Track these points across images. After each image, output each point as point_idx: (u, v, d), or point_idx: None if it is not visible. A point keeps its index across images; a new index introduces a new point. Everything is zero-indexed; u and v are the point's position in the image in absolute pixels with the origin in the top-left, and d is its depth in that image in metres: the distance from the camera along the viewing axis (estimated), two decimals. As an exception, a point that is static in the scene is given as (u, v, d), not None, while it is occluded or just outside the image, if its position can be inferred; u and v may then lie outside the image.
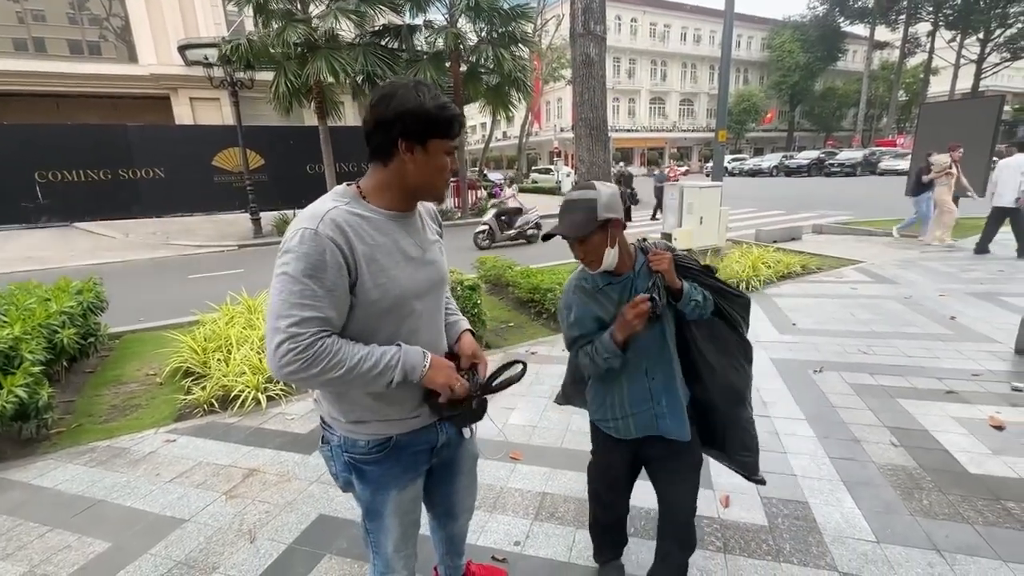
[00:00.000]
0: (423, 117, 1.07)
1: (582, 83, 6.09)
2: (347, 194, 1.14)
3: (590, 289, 1.51)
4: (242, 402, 3.40)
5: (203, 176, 16.02)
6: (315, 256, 1.00)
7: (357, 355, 1.04)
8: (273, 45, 10.96)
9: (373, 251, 1.09)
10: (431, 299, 1.25)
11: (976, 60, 37.99)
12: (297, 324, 0.99)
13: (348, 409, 1.20)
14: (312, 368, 0.99)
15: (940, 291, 5.45)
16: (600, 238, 1.40)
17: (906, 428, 2.79)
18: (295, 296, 1.00)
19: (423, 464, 1.32)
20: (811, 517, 2.13)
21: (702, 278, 1.56)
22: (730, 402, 1.60)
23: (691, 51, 47.23)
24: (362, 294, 1.08)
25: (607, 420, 1.62)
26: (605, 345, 1.44)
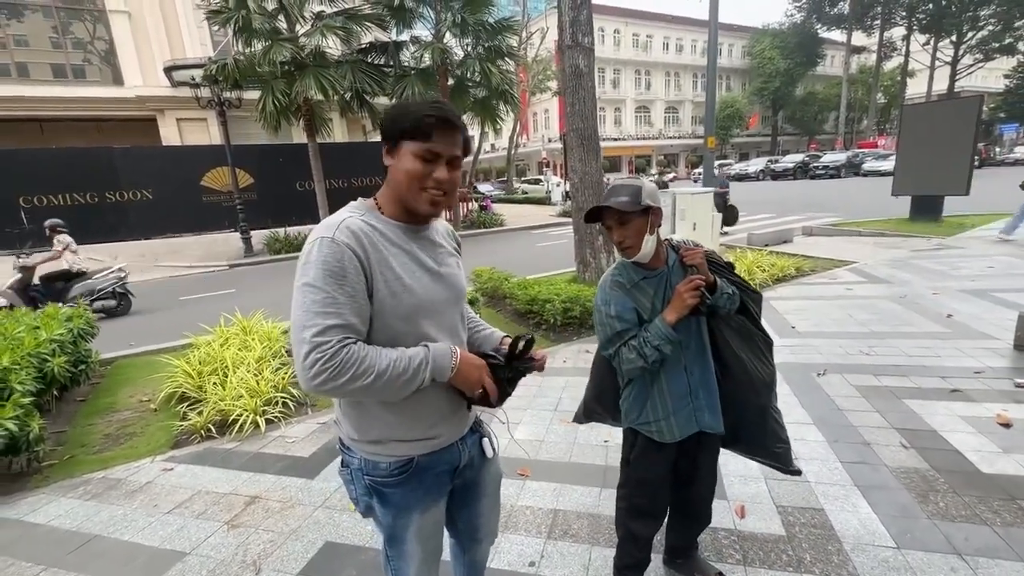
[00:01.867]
0: (396, 116, 1.08)
1: (572, 94, 6.14)
2: (363, 206, 1.15)
3: (626, 284, 1.54)
4: (240, 426, 3.32)
5: (192, 196, 15.90)
6: (334, 263, 1.00)
7: (386, 360, 1.02)
8: (260, 64, 10.95)
9: (388, 259, 1.08)
10: (449, 313, 1.23)
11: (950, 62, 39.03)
12: (321, 333, 0.97)
13: (367, 428, 1.17)
14: (341, 376, 0.97)
15: (933, 289, 5.50)
16: (641, 223, 1.44)
17: (915, 429, 2.78)
18: (317, 305, 0.98)
19: (445, 486, 1.29)
20: (828, 524, 2.10)
21: (727, 274, 1.61)
22: (761, 394, 1.63)
23: (674, 60, 48.03)
24: (378, 302, 1.07)
25: (649, 423, 1.62)
26: (656, 331, 1.45)
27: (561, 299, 5.01)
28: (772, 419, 1.68)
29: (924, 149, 9.86)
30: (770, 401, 1.66)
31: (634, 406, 1.64)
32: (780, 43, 46.16)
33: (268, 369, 3.98)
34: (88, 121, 18.49)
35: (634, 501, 1.73)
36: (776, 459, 1.71)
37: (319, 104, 13.03)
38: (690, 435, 1.60)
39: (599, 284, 1.60)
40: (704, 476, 1.72)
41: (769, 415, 1.67)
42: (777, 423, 1.69)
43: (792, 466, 1.71)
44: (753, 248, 8.30)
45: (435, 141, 1.07)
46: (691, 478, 1.71)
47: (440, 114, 1.07)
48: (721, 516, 2.19)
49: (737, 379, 1.59)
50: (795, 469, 1.72)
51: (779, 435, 1.69)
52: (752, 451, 1.76)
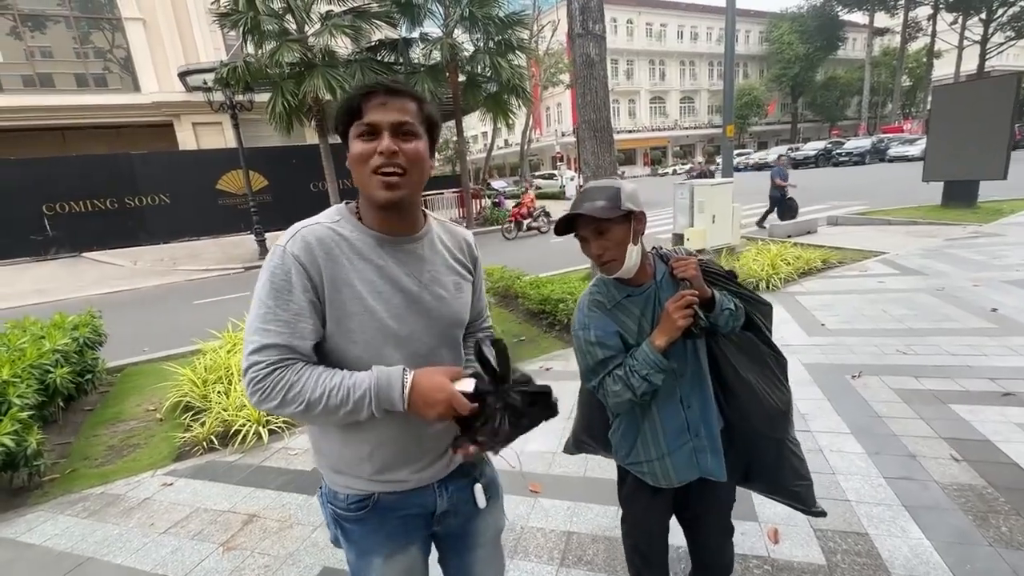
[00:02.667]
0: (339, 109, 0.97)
1: (583, 84, 5.91)
2: (340, 212, 1.01)
3: (607, 303, 1.30)
4: (243, 437, 3.21)
5: (208, 200, 16.10)
6: (280, 276, 0.91)
7: (320, 389, 0.89)
8: (269, 66, 10.93)
9: (348, 275, 0.94)
10: (427, 343, 1.03)
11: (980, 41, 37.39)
12: (257, 351, 0.89)
13: (323, 451, 1.05)
14: (271, 400, 0.88)
15: (973, 281, 5.15)
16: (623, 232, 1.20)
17: (965, 439, 2.52)
18: (259, 320, 0.91)
19: (417, 531, 1.10)
20: (875, 552, 1.88)
21: (728, 285, 1.37)
22: (775, 424, 1.38)
23: (689, 49, 47.06)
24: (332, 324, 0.94)
25: (640, 463, 1.39)
26: (644, 358, 1.21)
27: (575, 298, 4.81)
28: (790, 453, 1.44)
29: (957, 132, 9.36)
30: (787, 432, 1.42)
31: (623, 442, 1.42)
32: (799, 27, 44.86)
33: (273, 376, 3.87)
34: (107, 128, 18.84)
35: (633, 542, 1.54)
36: (796, 499, 1.47)
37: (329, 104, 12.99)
38: (691, 481, 1.37)
39: (577, 304, 1.36)
40: (712, 530, 1.49)
41: (786, 449, 1.43)
42: (796, 456, 1.45)
43: (815, 506, 1.47)
44: (775, 240, 7.96)
45: (369, 113, 0.92)
46: (696, 530, 1.50)
47: (367, 88, 0.93)
48: (752, 541, 1.99)
49: (745, 407, 1.35)
50: (819, 510, 1.47)
51: (799, 471, 1.45)
52: (768, 489, 1.53)
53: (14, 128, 17.32)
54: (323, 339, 0.95)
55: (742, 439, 1.42)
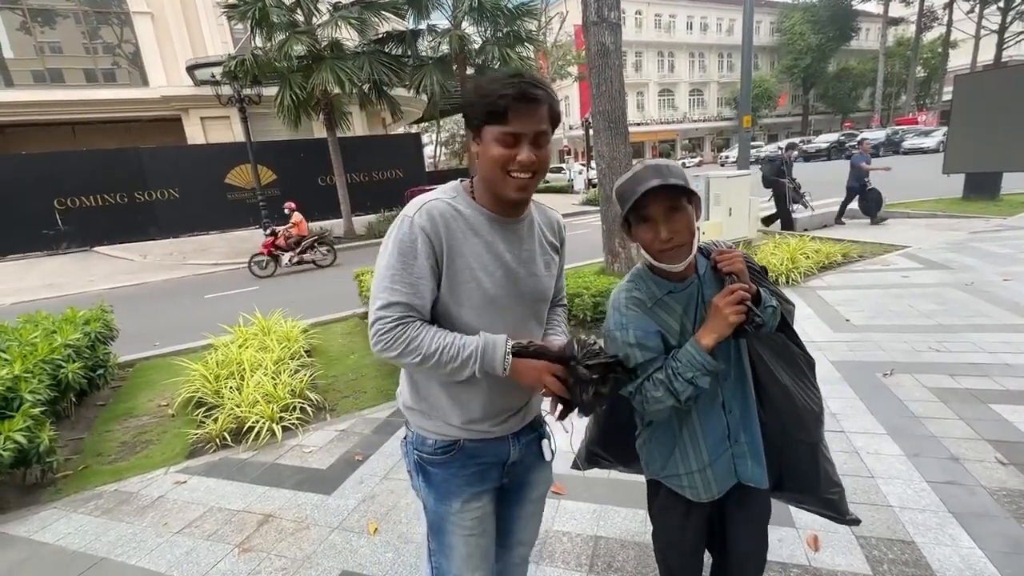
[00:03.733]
0: (473, 100, 1.03)
1: (598, 74, 5.77)
2: (456, 189, 1.12)
3: (647, 301, 1.19)
4: (256, 434, 3.15)
5: (217, 194, 16.09)
6: (407, 243, 1.02)
7: (435, 344, 1.03)
8: (277, 58, 10.85)
9: (463, 247, 1.06)
10: (520, 314, 1.16)
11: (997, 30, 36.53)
12: (385, 307, 1.02)
13: (420, 396, 1.18)
14: (393, 350, 1.02)
15: (1003, 275, 4.99)
16: (691, 215, 1.12)
17: (1011, 441, 2.40)
18: (386, 280, 1.03)
19: (492, 480, 1.22)
20: (924, 563, 1.77)
21: (763, 281, 1.26)
22: (809, 428, 1.28)
23: (698, 40, 46.36)
24: (444, 288, 1.07)
25: (679, 476, 1.28)
26: (689, 359, 1.10)
27: (591, 293, 4.70)
28: (823, 458, 1.34)
29: (980, 122, 9.11)
30: (820, 437, 1.33)
31: (657, 454, 1.31)
32: (811, 17, 44.04)
33: (286, 372, 3.81)
34: (117, 123, 18.84)
35: (666, 561, 1.44)
36: (829, 507, 1.37)
37: (337, 97, 12.91)
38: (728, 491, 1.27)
39: (610, 303, 1.24)
40: (746, 545, 1.36)
41: (820, 454, 1.33)
42: (829, 461, 1.35)
43: (849, 514, 1.37)
44: (793, 234, 7.79)
45: (513, 122, 0.99)
46: (728, 546, 1.38)
47: (515, 91, 0.97)
48: (792, 548, 1.89)
49: (782, 413, 1.25)
50: (853, 518, 1.38)
51: (832, 477, 1.35)
52: (800, 499, 1.43)
53: (25, 123, 17.38)
54: (438, 301, 1.07)
55: (776, 444, 1.31)
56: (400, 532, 2.22)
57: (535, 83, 1.00)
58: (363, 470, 2.76)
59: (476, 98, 1.01)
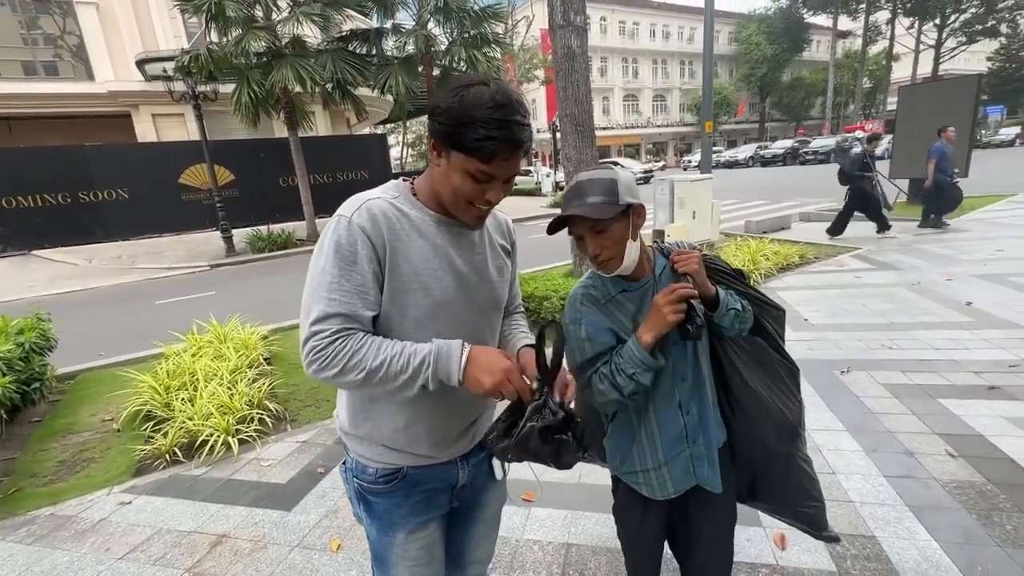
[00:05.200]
0: (450, 118, 0.90)
1: (565, 77, 5.79)
2: (397, 188, 1.04)
3: (600, 298, 1.21)
4: (210, 448, 2.98)
5: (170, 195, 15.35)
6: (345, 247, 0.92)
7: (381, 357, 0.92)
8: (234, 54, 10.43)
9: (408, 251, 0.97)
10: (474, 324, 1.08)
11: (934, 45, 39.04)
12: (320, 320, 0.91)
13: (358, 420, 1.08)
14: (331, 368, 0.90)
15: (946, 275, 5.28)
16: (621, 228, 1.10)
17: (959, 434, 2.52)
18: (322, 289, 0.92)
19: (440, 507, 1.14)
20: (884, 556, 1.82)
21: (735, 284, 1.26)
22: (783, 438, 1.28)
23: (661, 47, 47.58)
24: (388, 296, 0.97)
25: (635, 473, 1.29)
26: (629, 355, 1.11)
27: (560, 295, 4.71)
28: (800, 471, 1.33)
29: (922, 131, 9.64)
30: (797, 448, 1.31)
31: (617, 449, 1.32)
32: (767, 28, 45.91)
33: (243, 381, 3.63)
34: (59, 119, 17.74)
35: (631, 557, 1.43)
36: (806, 521, 1.37)
37: (299, 96, 12.52)
38: (687, 490, 1.27)
39: (568, 298, 1.27)
40: (708, 546, 1.35)
41: (795, 466, 1.33)
42: (807, 475, 1.34)
43: (827, 530, 1.37)
44: (752, 236, 8.04)
45: (493, 165, 0.91)
46: (690, 549, 1.37)
47: (505, 136, 0.89)
48: (759, 548, 1.91)
49: (752, 419, 1.25)
50: (831, 535, 1.38)
51: (810, 492, 1.34)
52: (774, 510, 1.43)
53: (-48, 117, 16.16)
54: (384, 309, 0.97)
55: (747, 453, 1.32)
56: (364, 548, 2.12)
57: (525, 125, 0.91)
58: (325, 483, 2.64)
59: (456, 123, 0.89)
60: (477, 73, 1.16)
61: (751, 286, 1.30)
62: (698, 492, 1.27)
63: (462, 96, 0.88)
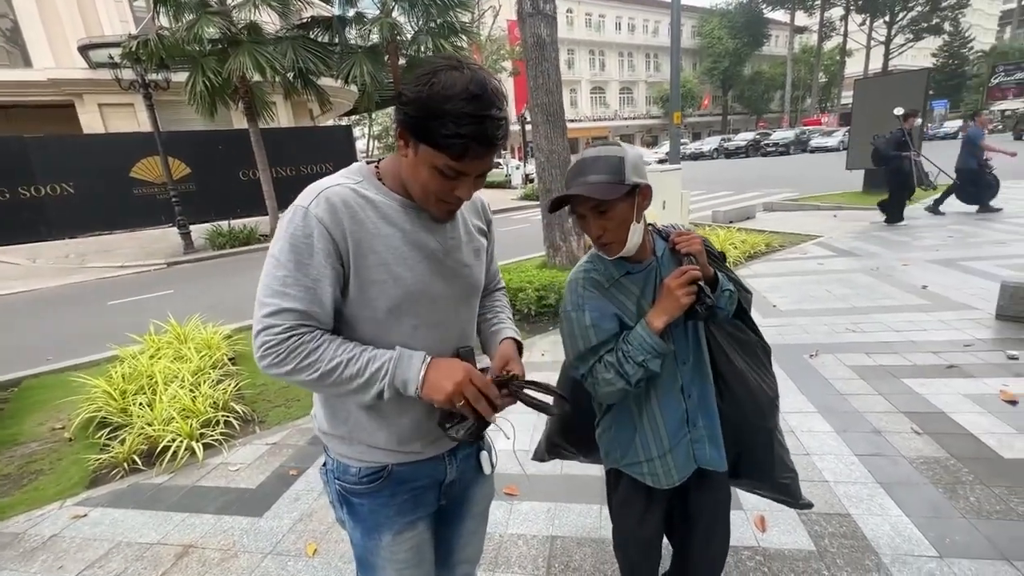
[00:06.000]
0: (418, 109, 0.82)
1: (535, 67, 5.73)
2: (361, 172, 0.97)
3: (604, 282, 1.17)
4: (172, 455, 2.82)
5: (121, 189, 14.50)
6: (301, 239, 0.86)
7: (336, 359, 0.87)
8: (187, 41, 9.91)
9: (373, 241, 0.90)
10: (451, 311, 1.02)
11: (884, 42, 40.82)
12: (273, 315, 0.86)
13: (338, 419, 1.02)
14: (284, 365, 0.86)
15: (902, 261, 5.51)
16: (626, 209, 1.07)
17: (922, 412, 2.62)
18: (277, 282, 0.86)
19: (427, 505, 1.09)
20: (860, 534, 1.87)
21: (722, 267, 1.27)
22: (765, 413, 1.31)
23: (627, 40, 47.98)
24: (355, 290, 0.91)
25: (639, 464, 1.26)
26: (639, 341, 1.08)
27: (534, 287, 4.68)
28: (777, 444, 1.37)
29: (875, 123, 10.04)
30: (775, 422, 1.35)
31: (617, 442, 1.29)
32: (728, 23, 46.93)
33: (207, 383, 3.46)
34: (-8, 108, 16.53)
35: (627, 555, 1.41)
36: (783, 491, 1.41)
37: (258, 85, 12.04)
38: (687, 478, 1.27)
39: (567, 282, 1.23)
40: (711, 532, 1.34)
41: (775, 439, 1.37)
42: (782, 447, 1.39)
43: (802, 498, 1.42)
44: (720, 225, 8.22)
45: (465, 162, 0.85)
46: (690, 534, 1.36)
47: (479, 133, 0.81)
48: (741, 530, 1.93)
49: (739, 399, 1.26)
50: (806, 502, 1.43)
51: (785, 462, 1.39)
52: (755, 485, 1.47)
53: None
54: (343, 305, 0.92)
55: (733, 430, 1.32)
56: (342, 552, 2.04)
57: (501, 120, 0.83)
58: (299, 486, 2.54)
59: (424, 114, 0.82)
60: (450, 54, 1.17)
61: (730, 269, 1.31)
62: (697, 475, 1.27)
63: (432, 84, 0.80)
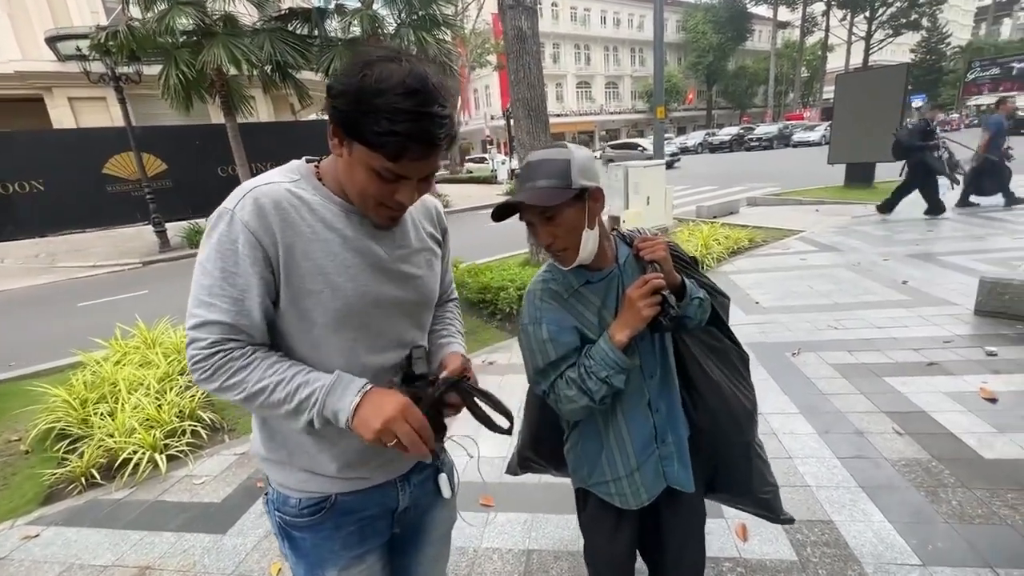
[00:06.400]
0: (349, 103, 0.74)
1: (516, 60, 5.62)
2: (299, 170, 0.88)
3: (563, 293, 1.09)
4: (134, 468, 2.69)
5: (93, 187, 14.04)
6: (226, 245, 0.78)
7: (264, 381, 0.79)
8: (159, 32, 9.59)
9: (308, 246, 0.82)
10: (399, 325, 0.94)
11: (865, 37, 41.32)
12: (200, 327, 0.79)
13: (275, 443, 0.92)
14: (212, 382, 0.80)
15: (883, 256, 5.53)
16: (576, 215, 1.00)
17: (904, 412, 2.59)
18: (203, 292, 0.79)
19: (378, 536, 0.99)
20: (842, 541, 1.82)
21: (692, 273, 1.20)
22: (742, 426, 1.23)
23: (612, 34, 47.89)
24: (288, 301, 0.82)
25: (607, 483, 1.19)
26: (601, 356, 1.01)
27: (516, 286, 4.59)
28: (756, 456, 1.31)
29: (857, 118, 10.11)
30: (754, 435, 1.29)
31: (583, 460, 1.22)
32: (712, 17, 47.14)
33: (173, 390, 3.31)
34: (-45, 102, 15.89)
35: (598, 573, 1.35)
36: (763, 506, 1.36)
37: (236, 79, 11.74)
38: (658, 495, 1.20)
39: (525, 294, 1.15)
40: (683, 553, 1.28)
41: (754, 452, 1.31)
42: (762, 460, 1.33)
43: (783, 513, 1.37)
44: (704, 221, 8.20)
45: (402, 164, 0.76)
46: (663, 554, 1.29)
47: (416, 132, 0.73)
48: (722, 540, 1.88)
49: (714, 411, 1.19)
50: (787, 517, 1.38)
51: (765, 476, 1.33)
52: (734, 500, 1.42)
53: None
54: (275, 317, 0.84)
55: (709, 444, 1.26)
56: (309, 570, 1.95)
57: (443, 118, 0.74)
58: (266, 499, 2.43)
59: (355, 109, 0.73)
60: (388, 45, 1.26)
61: (703, 274, 1.24)
62: (667, 493, 1.20)
63: (364, 76, 0.72)
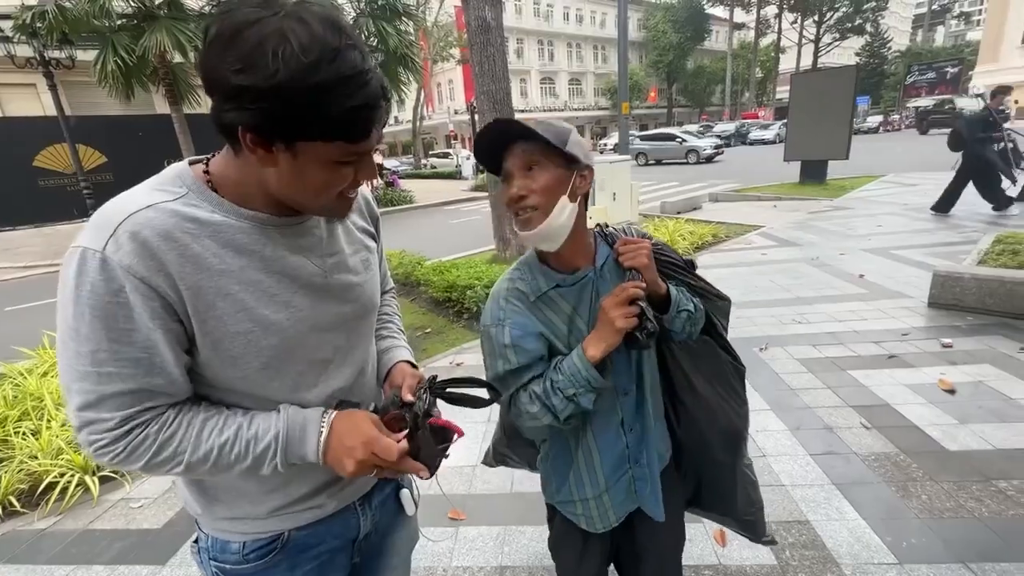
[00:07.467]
0: (282, 103, 0.57)
1: (479, 51, 5.48)
2: (184, 181, 0.68)
3: (530, 294, 0.97)
4: (61, 492, 2.42)
5: (23, 180, 13.03)
6: (104, 299, 0.59)
7: (207, 447, 0.66)
8: (93, 14, 8.89)
9: (220, 281, 0.66)
10: (344, 340, 0.81)
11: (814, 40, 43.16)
12: (94, 406, 0.62)
13: (209, 491, 0.78)
14: (132, 463, 0.65)
15: (839, 250, 5.70)
16: (558, 176, 0.89)
17: (869, 405, 2.62)
18: (85, 361, 0.60)
19: (338, 571, 0.88)
20: (820, 543, 1.80)
21: (685, 278, 1.10)
22: (730, 446, 1.15)
23: (575, 31, 48.16)
24: (208, 350, 0.67)
25: (572, 503, 1.10)
26: (572, 373, 0.90)
27: (483, 284, 4.46)
28: (743, 477, 1.23)
29: (810, 117, 10.47)
30: (743, 455, 1.21)
31: (553, 473, 1.12)
32: (672, 17, 48.10)
33: (109, 404, 3.02)
34: None
35: None
36: (746, 528, 1.29)
37: (181, 66, 11.05)
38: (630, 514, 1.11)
39: (491, 293, 1.04)
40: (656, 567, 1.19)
41: (740, 473, 1.22)
42: (750, 480, 1.25)
43: (765, 535, 1.30)
44: (668, 216, 8.30)
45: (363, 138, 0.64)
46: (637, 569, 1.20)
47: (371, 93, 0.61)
48: (701, 547, 1.82)
49: (700, 428, 1.11)
50: (768, 539, 1.32)
51: (751, 497, 1.25)
52: (717, 519, 1.35)
53: None
54: (195, 366, 0.69)
55: (693, 463, 1.19)
56: (260, 602, 1.77)
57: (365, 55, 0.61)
58: (214, 522, 2.22)
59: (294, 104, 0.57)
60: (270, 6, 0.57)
61: (700, 277, 1.14)
62: (641, 511, 1.11)
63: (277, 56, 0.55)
